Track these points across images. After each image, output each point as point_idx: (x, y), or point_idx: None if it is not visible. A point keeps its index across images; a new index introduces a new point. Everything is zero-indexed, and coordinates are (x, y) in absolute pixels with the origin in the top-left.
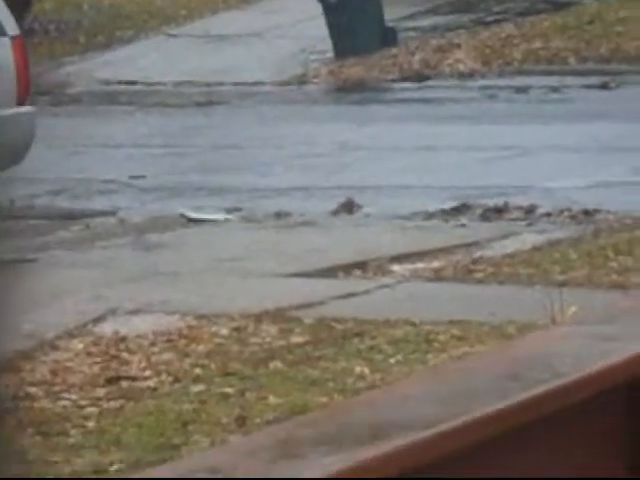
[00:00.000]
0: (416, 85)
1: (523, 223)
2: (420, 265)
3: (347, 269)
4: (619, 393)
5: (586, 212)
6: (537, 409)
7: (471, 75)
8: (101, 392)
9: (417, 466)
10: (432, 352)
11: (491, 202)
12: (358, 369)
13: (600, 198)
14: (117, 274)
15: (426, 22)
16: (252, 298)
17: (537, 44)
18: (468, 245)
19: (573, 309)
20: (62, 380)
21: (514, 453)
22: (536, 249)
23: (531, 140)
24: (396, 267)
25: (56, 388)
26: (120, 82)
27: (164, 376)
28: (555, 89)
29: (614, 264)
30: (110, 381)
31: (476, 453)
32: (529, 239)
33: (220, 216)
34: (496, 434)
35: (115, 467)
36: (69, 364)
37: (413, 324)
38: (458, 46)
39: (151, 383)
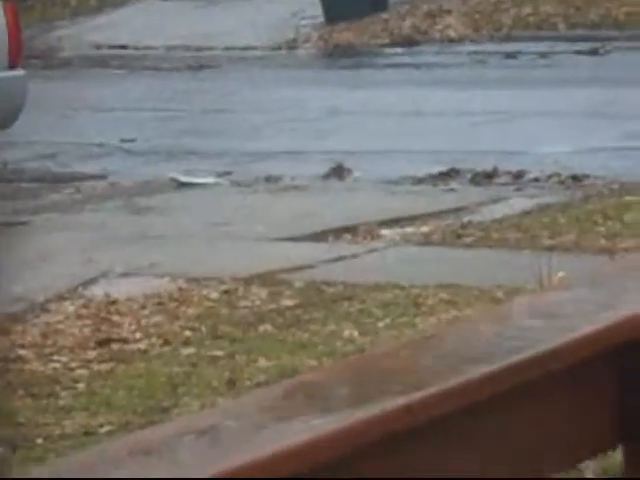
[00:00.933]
0: (406, 50)
1: (512, 188)
2: (409, 229)
3: (337, 233)
4: (607, 357)
5: (575, 177)
6: (524, 374)
7: (461, 40)
8: (91, 354)
9: (401, 429)
10: (421, 316)
11: (480, 167)
12: (347, 332)
13: (589, 163)
14: (108, 237)
15: None
16: (242, 262)
17: (527, 10)
18: (457, 210)
19: (561, 274)
20: (53, 342)
21: (499, 417)
22: (525, 214)
23: (520, 105)
24: (385, 231)
25: (46, 350)
26: (111, 46)
27: (154, 339)
28: (544, 55)
29: (602, 229)
30: (100, 344)
31: (465, 416)
32: (518, 204)
33: (210, 180)
34: (482, 399)
35: (105, 429)
36: (60, 326)
37: (402, 288)
38: (448, 12)
39: (141, 346)
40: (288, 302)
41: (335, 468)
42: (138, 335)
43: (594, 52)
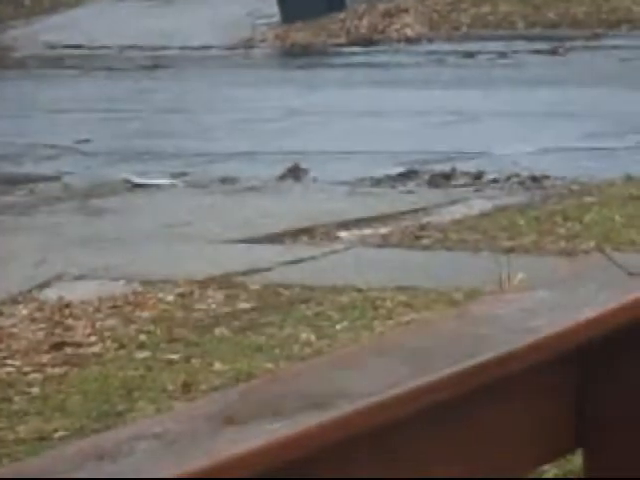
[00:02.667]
0: (363, 50)
1: (471, 189)
2: (367, 231)
3: (294, 235)
4: (568, 360)
5: (534, 178)
6: (483, 376)
7: (419, 40)
8: (45, 358)
9: (362, 432)
10: (379, 318)
11: (438, 168)
12: (304, 335)
13: (548, 164)
14: (62, 239)
15: None
16: (198, 264)
17: (485, 9)
18: (415, 211)
19: (521, 275)
20: (6, 346)
21: (459, 419)
22: (484, 215)
23: (479, 105)
24: (343, 233)
25: (0, 354)
26: (65, 46)
27: (109, 342)
28: (503, 54)
29: (562, 230)
30: (54, 347)
31: (419, 421)
32: (477, 205)
33: (165, 181)
34: (444, 400)
35: (59, 434)
36: (13, 330)
37: (360, 290)
38: (406, 11)
39: (96, 349)
40: (244, 305)
41: (290, 473)
42: (92, 339)
43: (553, 51)
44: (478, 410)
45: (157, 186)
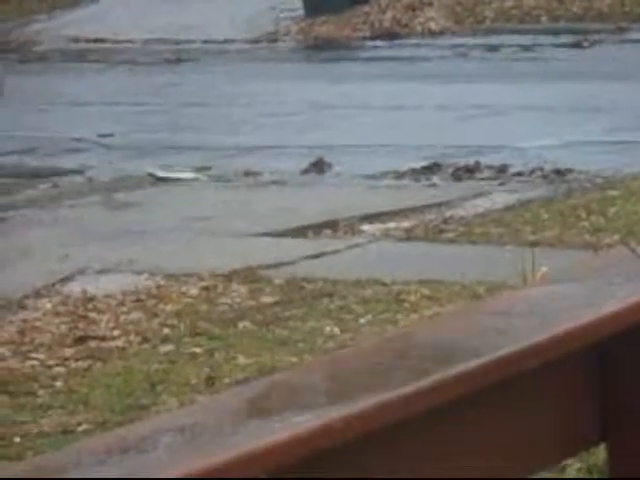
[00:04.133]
0: (387, 43)
1: (495, 182)
2: (391, 225)
3: (317, 229)
4: (589, 354)
5: (558, 172)
6: (506, 370)
7: (442, 33)
8: (69, 352)
9: (385, 426)
10: (402, 312)
11: (462, 161)
12: (328, 329)
13: (572, 158)
14: (85, 233)
15: None
16: (221, 258)
17: (509, 2)
18: (439, 205)
19: (544, 269)
20: (30, 340)
21: (481, 413)
22: (507, 209)
23: (503, 99)
24: (367, 227)
25: (24, 348)
26: (88, 40)
27: (132, 336)
28: (527, 48)
29: (586, 224)
30: (78, 341)
31: (442, 415)
32: (500, 199)
33: (189, 175)
34: (464, 394)
35: (83, 427)
36: (37, 324)
37: (383, 284)
38: (430, 4)
39: (119, 343)
40: (268, 299)
41: (314, 465)
42: (116, 332)
43: (577, 45)
44: (500, 404)
45: (180, 180)
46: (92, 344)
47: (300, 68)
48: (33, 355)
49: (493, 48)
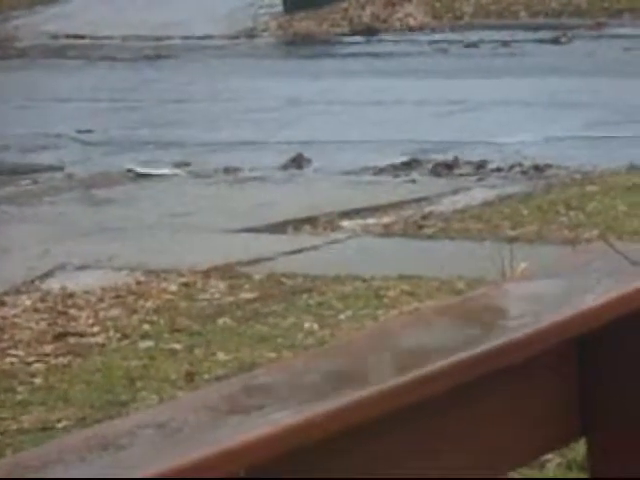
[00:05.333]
0: (366, 39)
1: (473, 178)
2: (370, 220)
3: (297, 224)
4: (569, 349)
5: (537, 167)
6: (485, 366)
7: (421, 29)
8: (48, 348)
9: (364, 422)
10: (382, 308)
11: (441, 157)
12: (307, 325)
13: (551, 153)
14: (65, 229)
15: None
16: (201, 254)
17: None
18: (418, 200)
19: (523, 265)
20: (9, 336)
21: (462, 409)
22: (486, 204)
23: (481, 95)
24: (346, 222)
25: (3, 344)
26: (68, 36)
27: (112, 332)
28: (506, 43)
29: (565, 219)
30: (58, 337)
31: (422, 410)
32: (479, 194)
33: (168, 171)
34: (444, 390)
35: (63, 424)
36: (16, 320)
37: (363, 280)
38: (408, 0)
39: (99, 339)
40: (247, 295)
41: (294, 462)
42: (95, 329)
43: (556, 41)
44: (480, 400)
45: (160, 176)
46: (71, 340)
47: (279, 64)
48: (12, 352)
49: (472, 44)
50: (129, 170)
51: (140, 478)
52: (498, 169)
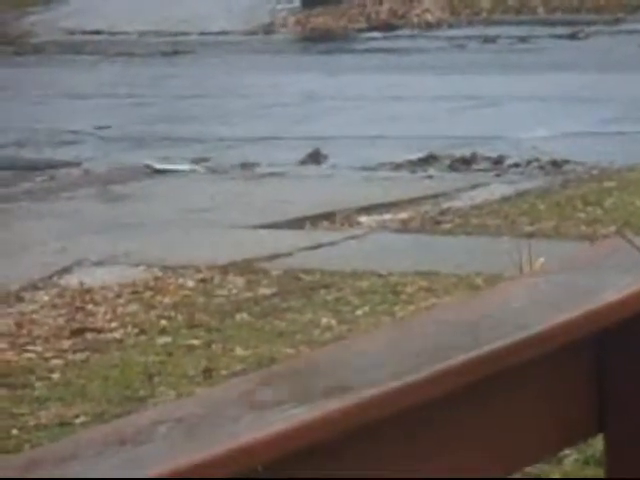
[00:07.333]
0: (383, 35)
1: (491, 174)
2: (387, 216)
3: (314, 220)
4: (587, 344)
5: (554, 163)
6: (503, 362)
7: (439, 25)
8: (66, 344)
9: (382, 418)
10: (399, 304)
11: (459, 153)
12: (325, 321)
13: (569, 149)
14: (82, 225)
15: None
16: (219, 249)
17: None
18: (436, 196)
19: (541, 260)
20: (27, 332)
21: (480, 405)
22: (504, 200)
23: (499, 90)
24: (363, 218)
25: (21, 340)
26: (84, 31)
27: (130, 328)
28: (523, 39)
29: (582, 215)
30: (75, 333)
31: (440, 406)
32: (497, 190)
33: (186, 166)
34: (460, 387)
35: (80, 419)
36: (34, 316)
37: (380, 275)
38: None
39: (117, 335)
40: (265, 290)
41: (312, 457)
42: (113, 324)
43: (573, 36)
44: (497, 396)
45: (177, 172)
46: (89, 336)
47: (296, 60)
48: (30, 347)
49: (489, 39)
50: (146, 166)
51: (156, 475)
52: (515, 165)
